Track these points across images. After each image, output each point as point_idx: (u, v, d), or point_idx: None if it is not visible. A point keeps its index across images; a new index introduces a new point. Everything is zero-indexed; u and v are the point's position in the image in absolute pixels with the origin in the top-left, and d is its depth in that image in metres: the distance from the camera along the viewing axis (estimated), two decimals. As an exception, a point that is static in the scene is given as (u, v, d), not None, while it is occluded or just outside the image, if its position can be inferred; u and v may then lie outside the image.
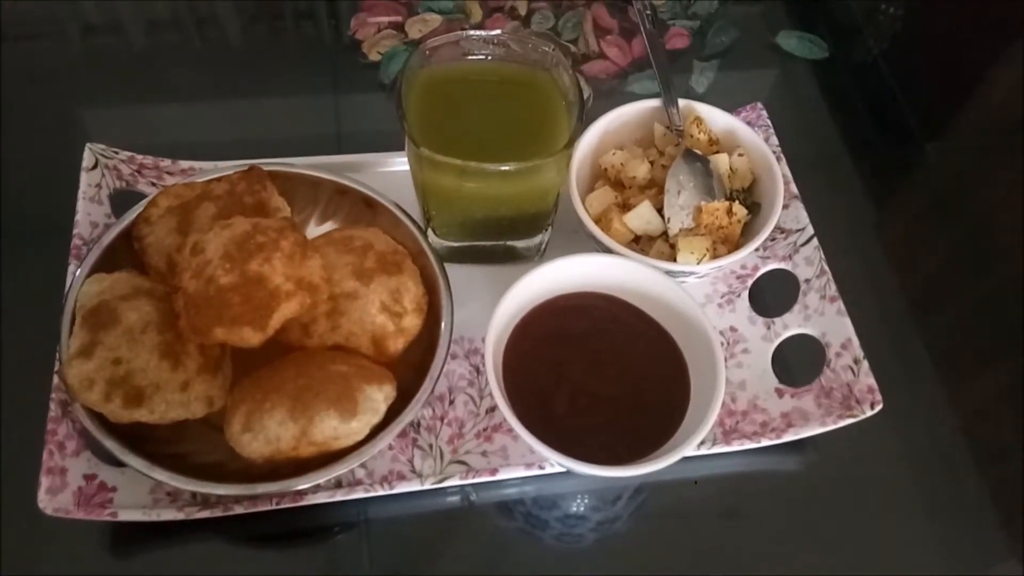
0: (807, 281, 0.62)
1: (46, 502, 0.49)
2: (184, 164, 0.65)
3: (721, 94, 0.80)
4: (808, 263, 0.63)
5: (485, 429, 0.57)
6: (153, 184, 0.64)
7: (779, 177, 0.60)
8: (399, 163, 0.66)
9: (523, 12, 0.84)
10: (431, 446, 0.56)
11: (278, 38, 0.82)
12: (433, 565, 0.54)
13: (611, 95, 0.79)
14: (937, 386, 0.62)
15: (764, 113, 0.70)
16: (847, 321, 0.59)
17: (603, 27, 0.84)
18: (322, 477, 0.50)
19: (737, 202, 0.59)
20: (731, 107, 0.71)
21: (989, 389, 0.64)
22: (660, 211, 0.60)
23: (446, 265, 0.58)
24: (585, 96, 0.77)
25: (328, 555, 0.54)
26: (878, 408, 0.55)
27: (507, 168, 0.53)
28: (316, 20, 0.84)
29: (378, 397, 0.51)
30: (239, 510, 0.51)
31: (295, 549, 0.54)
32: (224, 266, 0.49)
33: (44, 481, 0.49)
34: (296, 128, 0.75)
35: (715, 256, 0.58)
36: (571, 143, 0.54)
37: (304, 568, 0.54)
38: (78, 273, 0.54)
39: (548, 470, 0.54)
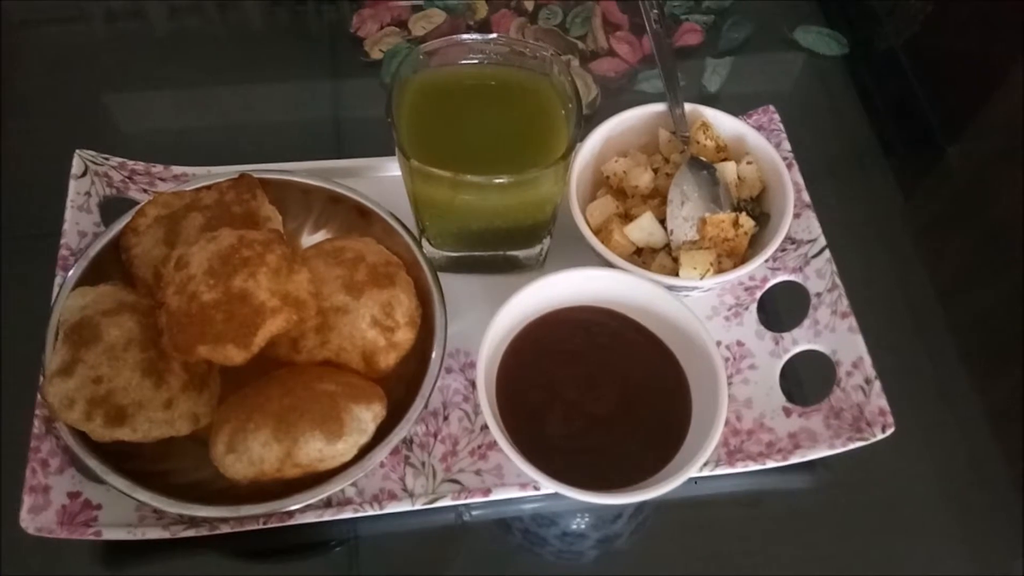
0: (818, 295, 0.60)
1: (28, 521, 0.48)
2: (177, 170, 0.64)
3: (734, 92, 0.77)
4: (819, 276, 0.60)
5: (480, 447, 0.55)
6: (145, 191, 0.62)
7: (789, 187, 0.57)
8: (397, 167, 0.64)
9: (530, 8, 0.81)
10: (424, 464, 0.54)
11: (277, 35, 0.80)
12: (426, 583, 0.53)
13: (620, 94, 0.76)
14: (953, 409, 0.60)
15: (776, 116, 0.67)
16: (859, 339, 0.56)
17: (613, 23, 0.81)
18: (310, 498, 0.48)
19: (744, 213, 0.57)
20: (745, 106, 0.68)
21: (1007, 413, 0.60)
22: (663, 222, 0.57)
23: (444, 275, 0.56)
24: (593, 95, 0.75)
25: (317, 573, 0.53)
26: (890, 431, 0.53)
27: (501, 180, 0.51)
28: (316, 17, 0.82)
29: (366, 417, 0.49)
30: (226, 529, 0.50)
31: (284, 566, 0.54)
32: (208, 282, 0.48)
33: (27, 500, 0.48)
34: (294, 130, 0.73)
35: (720, 270, 0.55)
36: (568, 153, 0.52)
37: (293, 587, 0.53)
38: (64, 285, 0.53)
39: (543, 490, 0.52)
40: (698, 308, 0.58)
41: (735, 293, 0.61)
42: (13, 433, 0.52)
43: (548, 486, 0.47)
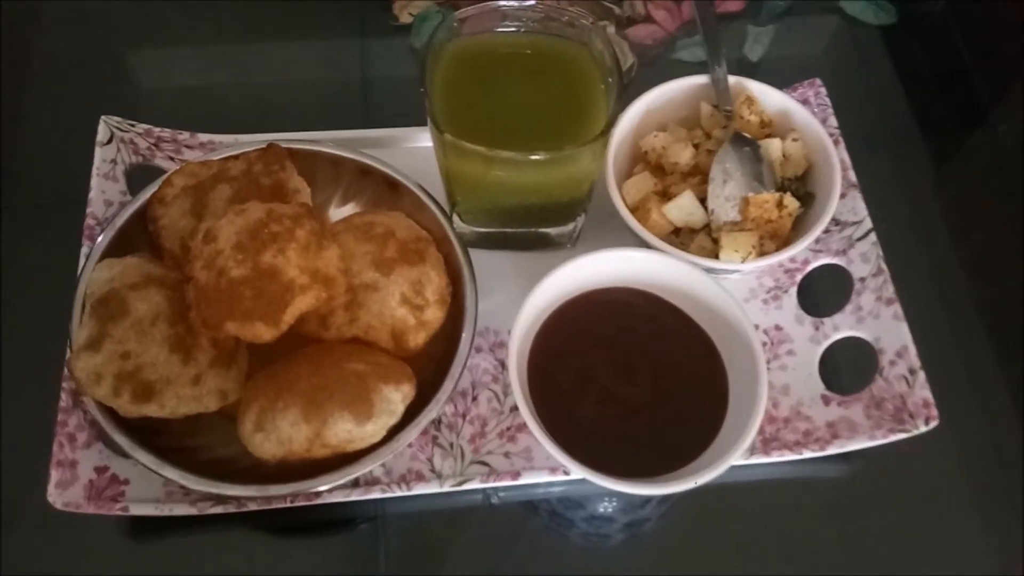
0: (862, 280, 0.57)
1: (56, 496, 0.48)
2: (203, 137, 0.62)
3: (776, 63, 0.74)
4: (864, 260, 0.58)
5: (508, 428, 0.54)
6: (171, 159, 0.61)
7: (836, 167, 0.55)
8: (428, 138, 0.62)
9: (565, -29, 0.78)
10: (452, 444, 0.53)
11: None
12: (451, 561, 0.52)
13: (657, 62, 0.74)
14: (998, 404, 0.57)
15: (823, 91, 0.64)
16: (904, 327, 0.54)
17: (651, -13, 0.78)
18: (338, 479, 0.48)
19: (788, 193, 0.55)
20: (787, 77, 0.65)
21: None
22: (703, 201, 0.55)
23: (473, 251, 0.55)
24: (629, 64, 0.72)
25: (344, 550, 0.53)
26: (933, 424, 0.51)
27: (537, 157, 0.49)
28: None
29: (395, 398, 0.48)
30: (253, 506, 0.50)
31: (311, 543, 0.53)
32: (236, 257, 0.47)
33: (54, 474, 0.48)
34: (321, 95, 0.71)
35: (762, 253, 0.53)
36: (608, 129, 0.50)
37: (320, 563, 0.52)
38: (90, 256, 0.52)
39: (573, 476, 0.52)
40: (735, 290, 0.56)
41: (774, 275, 0.59)
42: (40, 406, 0.51)
43: (580, 474, 0.46)
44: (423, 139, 0.63)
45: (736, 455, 0.46)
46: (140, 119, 0.62)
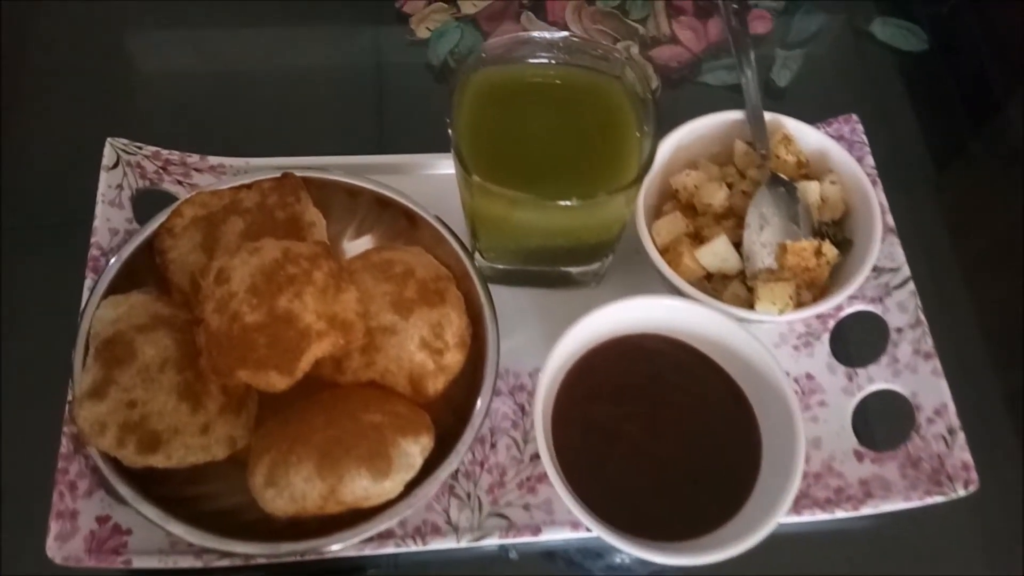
0: (899, 330, 0.55)
1: (55, 550, 0.45)
2: (213, 160, 0.59)
3: (805, 89, 0.72)
4: (901, 309, 0.56)
5: (528, 479, 0.52)
6: (179, 183, 0.58)
7: (876, 212, 0.53)
8: (447, 165, 0.60)
9: (588, -13, 0.76)
10: (469, 495, 0.51)
11: (319, 10, 0.75)
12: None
13: (681, 85, 0.71)
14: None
15: (859, 127, 0.62)
16: (943, 384, 0.52)
17: (676, 6, 0.75)
18: (351, 538, 0.46)
19: (827, 240, 0.52)
20: (815, 106, 0.63)
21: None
22: (738, 245, 0.53)
23: (493, 287, 0.53)
24: (653, 87, 0.70)
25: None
26: (972, 489, 0.49)
27: (567, 203, 0.46)
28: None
29: (414, 451, 0.46)
30: (261, 560, 0.47)
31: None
32: (251, 301, 0.45)
33: (53, 527, 0.46)
34: (335, 114, 0.68)
35: (799, 303, 0.51)
36: (643, 175, 0.47)
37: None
38: (94, 291, 0.50)
39: (596, 532, 0.49)
40: (765, 336, 0.54)
41: (806, 321, 0.57)
42: (40, 450, 0.49)
43: (602, 536, 0.44)
44: (442, 166, 0.61)
45: (772, 524, 0.44)
46: (144, 130, 0.59)
